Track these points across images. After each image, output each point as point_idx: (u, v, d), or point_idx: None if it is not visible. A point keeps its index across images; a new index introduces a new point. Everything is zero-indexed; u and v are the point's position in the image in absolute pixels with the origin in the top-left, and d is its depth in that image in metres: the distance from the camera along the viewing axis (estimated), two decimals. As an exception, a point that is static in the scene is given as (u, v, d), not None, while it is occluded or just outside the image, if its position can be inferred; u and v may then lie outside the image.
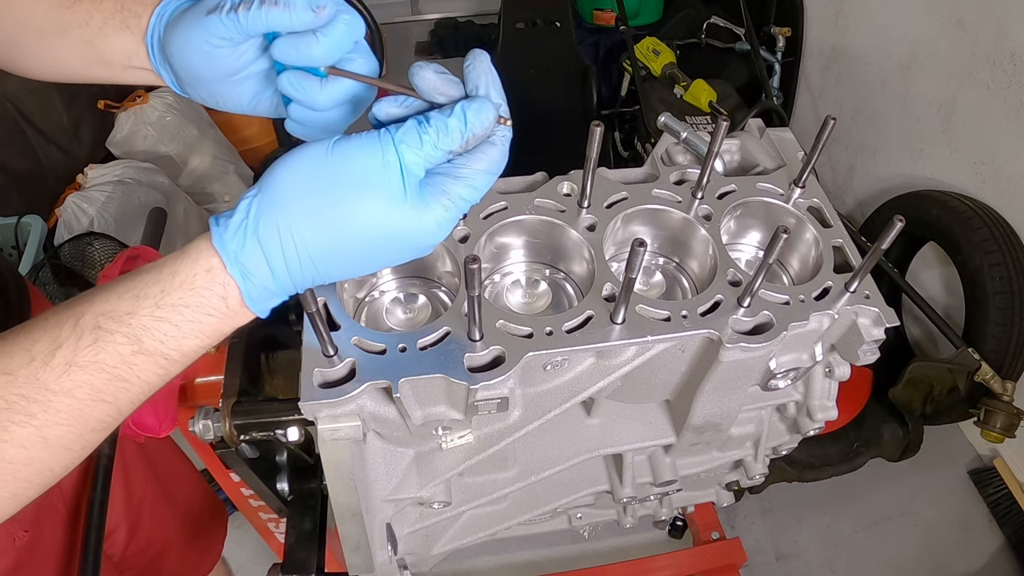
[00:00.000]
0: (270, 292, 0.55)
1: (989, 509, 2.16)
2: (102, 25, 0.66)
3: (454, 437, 0.80)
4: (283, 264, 0.54)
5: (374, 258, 0.57)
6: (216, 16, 0.57)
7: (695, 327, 0.73)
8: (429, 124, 0.54)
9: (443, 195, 0.56)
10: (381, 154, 0.53)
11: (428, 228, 0.56)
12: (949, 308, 2.26)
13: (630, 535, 2.04)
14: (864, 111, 2.49)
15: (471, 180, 0.56)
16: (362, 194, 0.53)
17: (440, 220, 0.56)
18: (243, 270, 0.53)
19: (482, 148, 0.57)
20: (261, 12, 0.55)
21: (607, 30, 3.07)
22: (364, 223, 0.53)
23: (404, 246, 0.57)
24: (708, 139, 0.86)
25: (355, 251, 0.55)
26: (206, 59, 0.60)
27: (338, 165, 0.53)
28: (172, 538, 1.38)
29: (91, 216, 2.37)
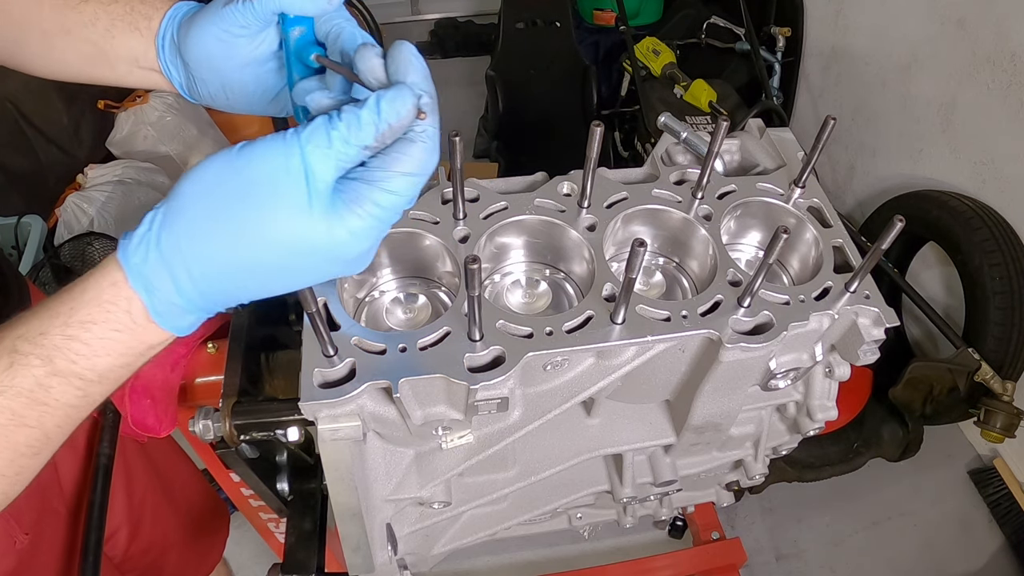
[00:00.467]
0: (179, 308, 0.52)
1: (989, 509, 2.16)
2: (109, 27, 0.67)
3: (454, 437, 0.80)
4: (188, 279, 0.51)
5: (290, 274, 0.53)
6: (233, 6, 0.59)
7: (695, 327, 0.73)
8: (340, 119, 0.49)
9: (356, 202, 0.50)
10: (284, 158, 0.49)
11: (342, 240, 0.50)
12: (949, 308, 2.26)
13: (630, 535, 2.04)
14: (864, 111, 2.49)
15: (388, 184, 0.50)
16: (264, 204, 0.49)
17: (355, 231, 0.50)
18: (146, 284, 0.51)
19: (399, 147, 0.51)
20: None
21: (607, 30, 3.07)
22: (269, 236, 0.49)
23: (320, 261, 0.52)
24: (708, 139, 0.86)
25: (264, 266, 0.51)
26: (223, 48, 0.61)
27: (241, 173, 0.49)
28: (173, 539, 1.38)
29: (91, 216, 2.37)
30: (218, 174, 0.50)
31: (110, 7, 0.67)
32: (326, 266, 0.53)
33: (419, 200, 0.83)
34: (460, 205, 0.80)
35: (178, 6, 0.67)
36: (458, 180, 0.77)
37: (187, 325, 0.54)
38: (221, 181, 0.50)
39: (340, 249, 0.51)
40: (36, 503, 0.99)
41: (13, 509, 0.92)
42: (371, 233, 0.51)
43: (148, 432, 0.98)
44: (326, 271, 0.53)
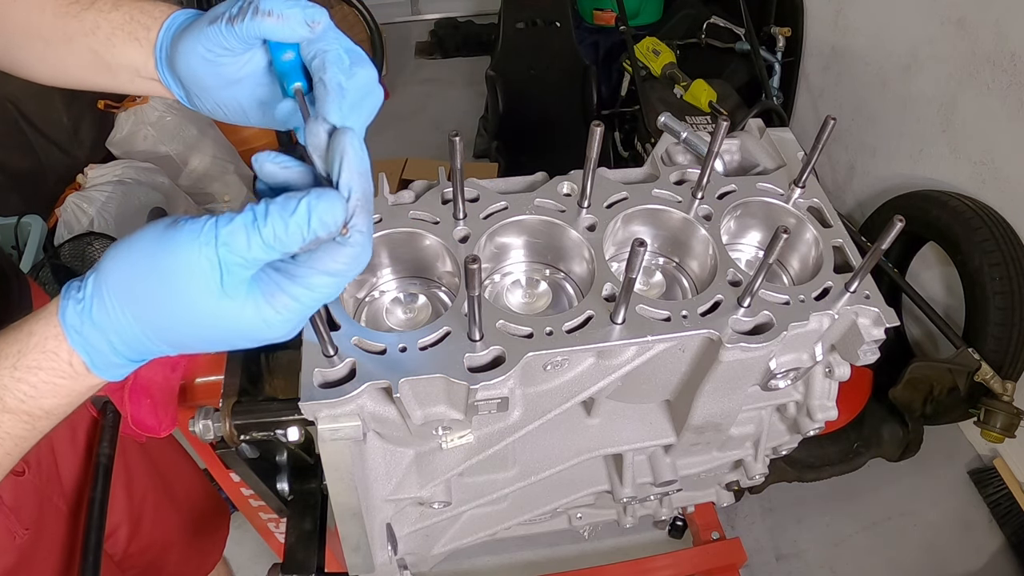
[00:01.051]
0: (115, 363, 0.54)
1: (989, 509, 2.16)
2: (110, 35, 0.66)
3: (454, 437, 0.80)
4: (120, 342, 0.53)
5: (213, 345, 0.54)
6: (215, 27, 0.58)
7: (695, 327, 0.73)
8: (265, 223, 0.48)
9: (273, 295, 0.51)
10: (199, 253, 0.49)
11: (257, 327, 0.51)
12: (949, 308, 2.26)
13: (630, 535, 2.04)
14: (864, 111, 2.49)
15: (309, 280, 0.50)
16: (179, 291, 0.50)
17: (270, 321, 0.51)
18: (84, 344, 0.53)
19: (326, 247, 0.50)
20: (255, 22, 0.55)
21: (607, 30, 3.07)
22: (185, 317, 0.51)
23: (240, 339, 0.53)
24: (708, 139, 0.86)
25: (187, 338, 0.53)
26: (209, 68, 0.61)
27: (158, 258, 0.50)
28: (174, 537, 1.38)
29: (91, 216, 2.37)
30: (143, 250, 0.51)
31: (110, 15, 0.66)
32: (247, 342, 0.54)
33: (419, 200, 0.83)
34: (460, 205, 0.80)
35: (175, 16, 0.65)
36: (458, 180, 0.77)
37: (125, 373, 0.56)
38: (144, 257, 0.51)
39: (256, 332, 0.52)
40: (36, 499, 0.99)
41: (14, 505, 0.92)
42: (287, 323, 0.52)
43: (148, 432, 0.98)
44: (248, 344, 0.54)
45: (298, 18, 0.55)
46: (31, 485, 0.97)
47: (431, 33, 4.03)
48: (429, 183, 0.86)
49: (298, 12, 0.56)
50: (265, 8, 0.55)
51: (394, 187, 0.85)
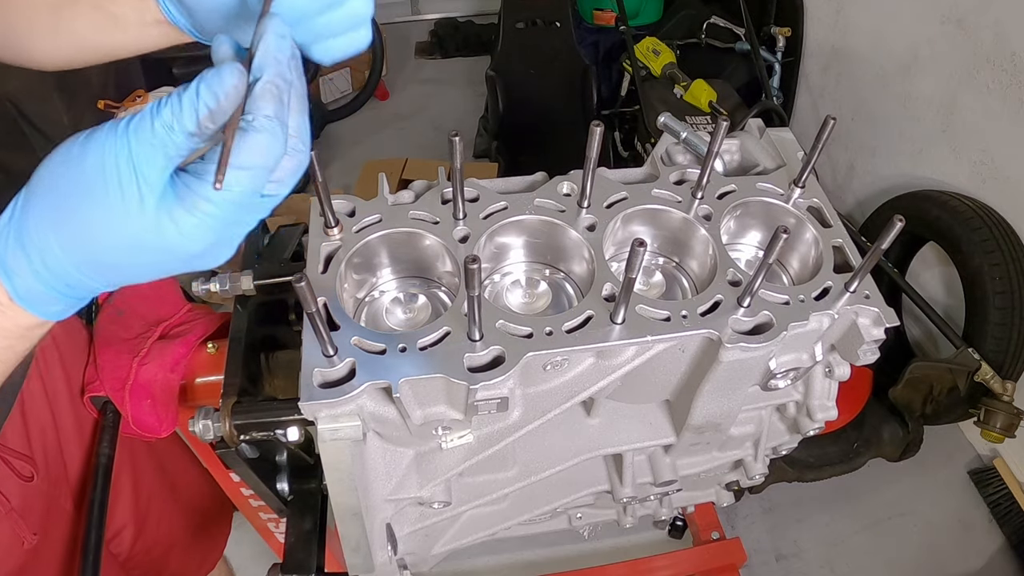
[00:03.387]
0: (41, 293, 0.51)
1: (989, 509, 2.16)
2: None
3: (454, 437, 0.80)
4: (43, 266, 0.49)
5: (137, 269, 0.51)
6: None
7: (695, 327, 0.73)
8: (164, 103, 0.46)
9: (185, 198, 0.47)
10: (114, 150, 0.46)
11: (173, 239, 0.48)
12: (949, 308, 2.26)
13: (630, 535, 2.04)
14: (864, 111, 2.49)
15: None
16: (97, 199, 0.47)
17: (186, 229, 0.47)
18: (5, 268, 0.50)
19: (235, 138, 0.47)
20: None
21: (607, 30, 3.07)
22: (104, 233, 0.48)
23: (160, 258, 0.49)
24: (708, 139, 0.86)
25: (109, 262, 0.49)
26: None
27: (79, 165, 0.47)
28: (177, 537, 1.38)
29: (91, 216, 2.37)
30: (62, 162, 0.49)
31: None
32: (170, 263, 0.50)
33: (419, 200, 0.83)
34: (460, 205, 0.80)
35: None
36: (458, 180, 0.77)
37: (57, 311, 0.53)
38: (64, 169, 0.48)
39: (176, 248, 0.48)
40: (44, 503, 0.99)
41: (22, 509, 0.92)
42: (205, 232, 0.48)
43: (148, 432, 0.98)
44: (171, 267, 0.51)
45: None
46: (39, 490, 0.97)
47: (431, 33, 4.03)
48: (429, 183, 0.86)
49: None
50: None
51: (394, 187, 0.85)
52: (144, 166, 0.46)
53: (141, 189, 0.46)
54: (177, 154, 0.47)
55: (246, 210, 0.49)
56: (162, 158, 0.47)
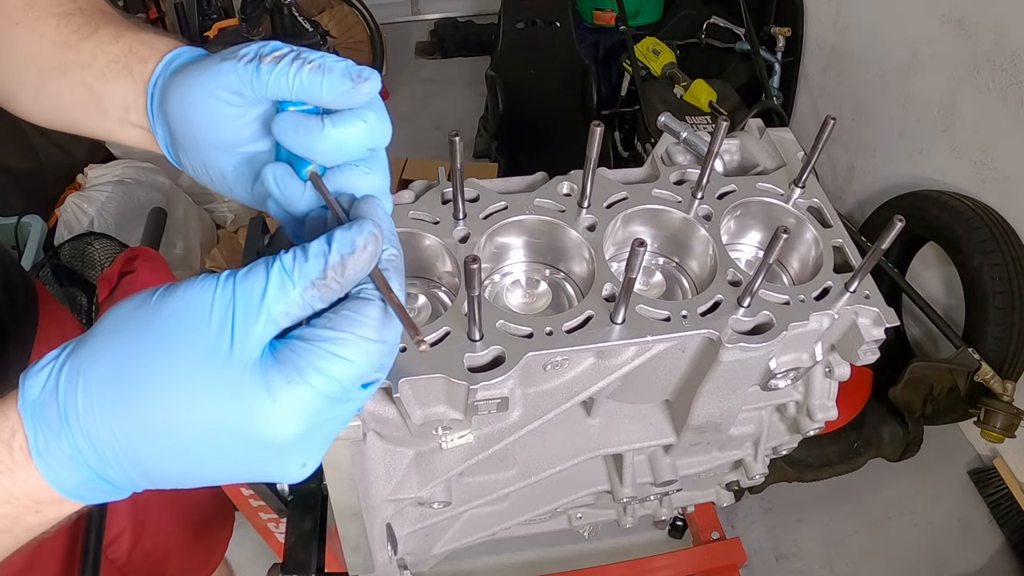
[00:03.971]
0: (65, 455, 0.41)
1: (989, 509, 2.16)
2: (105, 69, 0.59)
3: (454, 437, 0.80)
4: (77, 420, 0.40)
5: (194, 453, 0.41)
6: (231, 63, 0.48)
7: (695, 327, 0.73)
8: (284, 253, 0.41)
9: (291, 365, 0.40)
10: (209, 296, 0.40)
11: (263, 416, 0.39)
12: (949, 308, 2.26)
13: (630, 535, 2.04)
14: (864, 111, 2.49)
15: (338, 347, 0.40)
16: (171, 351, 0.39)
17: (285, 405, 0.39)
18: (34, 412, 0.41)
19: (352, 305, 0.42)
20: (290, 69, 0.46)
21: (607, 30, 3.07)
22: (170, 392, 0.39)
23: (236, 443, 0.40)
24: (708, 139, 0.86)
25: (159, 431, 0.40)
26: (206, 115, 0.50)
27: (158, 313, 0.40)
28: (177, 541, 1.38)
29: (91, 216, 2.37)
30: (138, 307, 0.42)
31: (110, 47, 0.59)
32: (245, 451, 0.40)
33: (419, 200, 0.83)
34: (460, 205, 0.80)
35: (179, 51, 0.57)
36: (458, 180, 0.77)
37: (75, 485, 0.42)
38: (132, 317, 0.41)
39: (262, 430, 0.39)
40: None
41: None
42: (307, 409, 0.40)
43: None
44: (245, 458, 0.41)
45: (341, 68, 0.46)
46: None
47: (431, 33, 4.03)
48: (429, 183, 0.86)
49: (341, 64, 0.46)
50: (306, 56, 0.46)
51: (394, 187, 0.85)
52: (245, 317, 0.39)
53: (236, 345, 0.39)
54: (287, 312, 0.41)
55: (346, 398, 0.41)
56: (268, 316, 0.40)
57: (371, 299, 0.43)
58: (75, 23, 0.61)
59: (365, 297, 0.43)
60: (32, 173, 2.48)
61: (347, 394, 0.41)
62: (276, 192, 0.50)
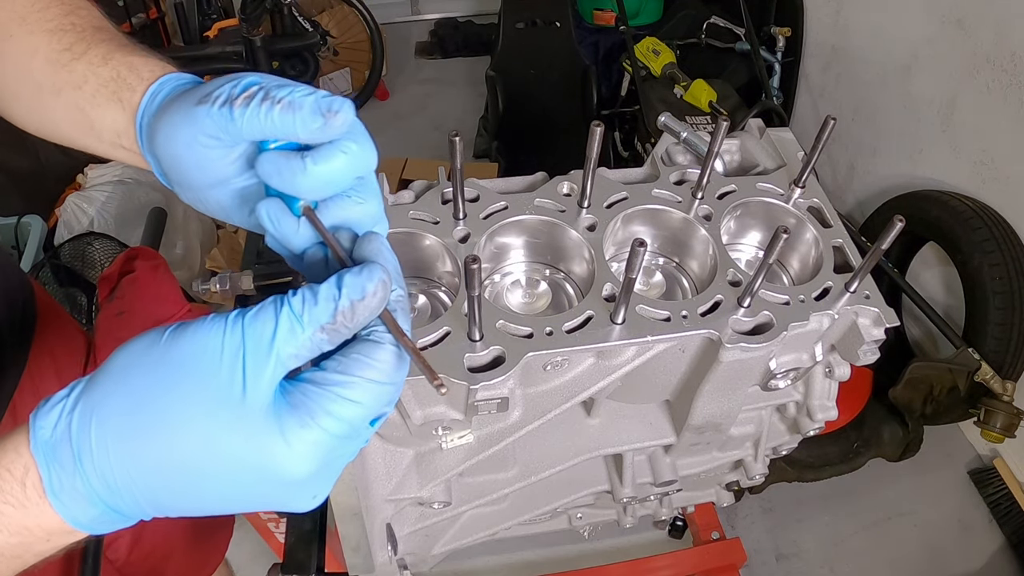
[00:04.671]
0: (79, 493, 0.42)
1: (989, 509, 2.16)
2: (95, 93, 0.57)
3: (454, 437, 0.80)
4: (91, 459, 0.41)
5: (208, 489, 0.42)
6: (205, 108, 0.47)
7: (695, 327, 0.73)
8: (292, 294, 0.42)
9: (304, 409, 0.41)
10: (219, 339, 0.40)
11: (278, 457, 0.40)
12: (949, 308, 2.26)
13: (630, 535, 2.04)
14: (864, 111, 2.49)
15: (348, 390, 0.41)
16: (184, 394, 0.40)
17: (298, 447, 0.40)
18: (47, 452, 0.42)
19: (361, 347, 0.43)
20: (260, 111, 0.45)
21: (607, 30, 3.07)
22: (182, 433, 0.40)
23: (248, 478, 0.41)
24: (708, 139, 0.86)
25: (174, 472, 0.41)
26: (192, 155, 0.50)
27: (168, 354, 0.41)
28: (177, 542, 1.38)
29: (91, 216, 2.37)
30: (148, 348, 0.42)
31: (99, 69, 0.58)
32: (256, 487, 0.42)
33: (419, 200, 0.83)
34: (460, 205, 0.80)
35: (163, 81, 0.55)
36: (458, 180, 0.77)
37: (89, 519, 0.43)
38: (144, 357, 0.42)
39: (277, 469, 0.41)
40: None
41: None
42: (320, 451, 0.41)
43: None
44: (257, 494, 0.42)
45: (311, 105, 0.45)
46: None
47: (431, 33, 4.03)
48: (429, 183, 0.86)
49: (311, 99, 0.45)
50: (275, 96, 0.45)
51: (394, 187, 0.85)
52: (256, 360, 0.40)
53: (248, 388, 0.40)
54: (296, 354, 0.41)
55: (356, 435, 0.43)
56: (277, 359, 0.41)
57: (381, 342, 0.43)
58: (67, 40, 0.60)
59: (375, 340, 0.44)
60: (32, 173, 2.48)
61: (357, 432, 0.43)
62: (271, 230, 0.49)
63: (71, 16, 0.62)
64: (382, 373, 0.43)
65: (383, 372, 0.43)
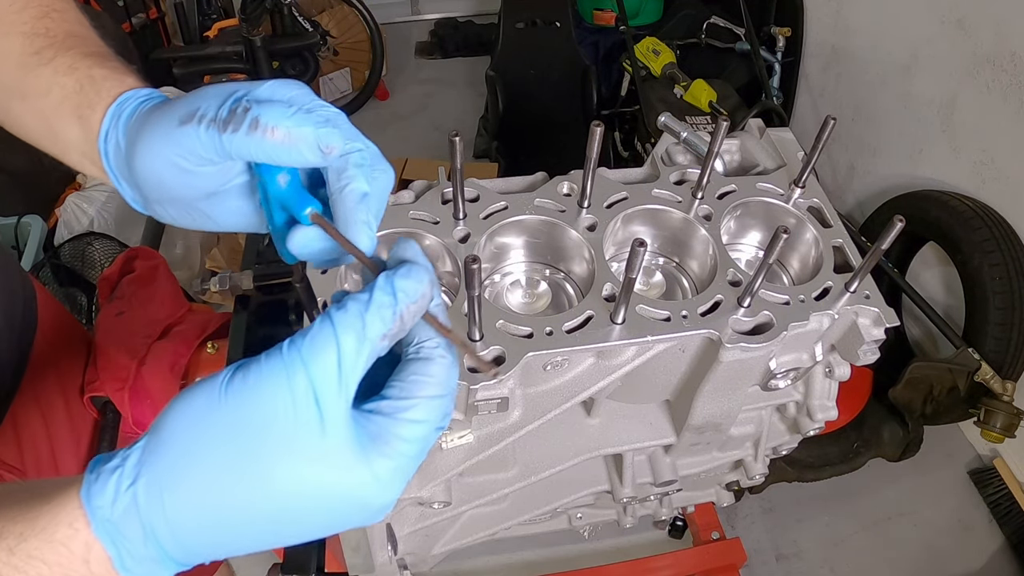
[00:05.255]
0: (151, 559, 0.41)
1: (989, 509, 2.16)
2: (59, 104, 0.55)
3: (454, 437, 0.80)
4: (168, 531, 0.40)
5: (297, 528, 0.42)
6: (192, 128, 0.46)
7: (695, 327, 0.73)
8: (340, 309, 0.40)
9: (381, 439, 0.41)
10: (286, 386, 0.39)
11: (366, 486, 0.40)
12: (949, 308, 2.26)
13: (630, 535, 2.04)
14: (864, 111, 2.49)
15: (412, 413, 0.41)
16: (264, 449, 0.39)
17: (382, 475, 0.40)
18: (113, 533, 0.40)
19: (415, 368, 0.43)
20: (251, 139, 0.44)
21: (607, 30, 3.08)
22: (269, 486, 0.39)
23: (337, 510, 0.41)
24: (708, 139, 0.86)
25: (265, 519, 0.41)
26: (181, 177, 0.49)
27: (235, 410, 0.40)
28: None
29: (91, 216, 2.37)
30: (207, 412, 0.40)
31: (63, 79, 0.55)
32: (343, 517, 0.42)
33: (419, 200, 0.83)
34: (460, 205, 0.80)
35: (124, 99, 0.53)
36: (458, 180, 0.77)
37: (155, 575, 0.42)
38: (212, 420, 0.40)
39: (363, 497, 0.41)
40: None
41: None
42: (401, 475, 0.42)
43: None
44: (342, 522, 0.43)
45: (309, 141, 0.45)
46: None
47: (431, 33, 4.03)
48: (429, 183, 0.86)
49: (310, 132, 0.45)
50: (267, 123, 0.44)
51: (394, 187, 0.85)
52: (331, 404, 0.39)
53: (328, 429, 0.39)
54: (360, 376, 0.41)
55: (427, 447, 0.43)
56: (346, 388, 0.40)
57: (431, 358, 0.44)
58: (38, 44, 0.58)
59: (425, 357, 0.44)
60: (32, 173, 2.48)
61: (428, 445, 0.43)
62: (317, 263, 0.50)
63: (45, 19, 0.60)
64: (439, 386, 0.43)
65: (440, 385, 0.43)
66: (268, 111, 0.45)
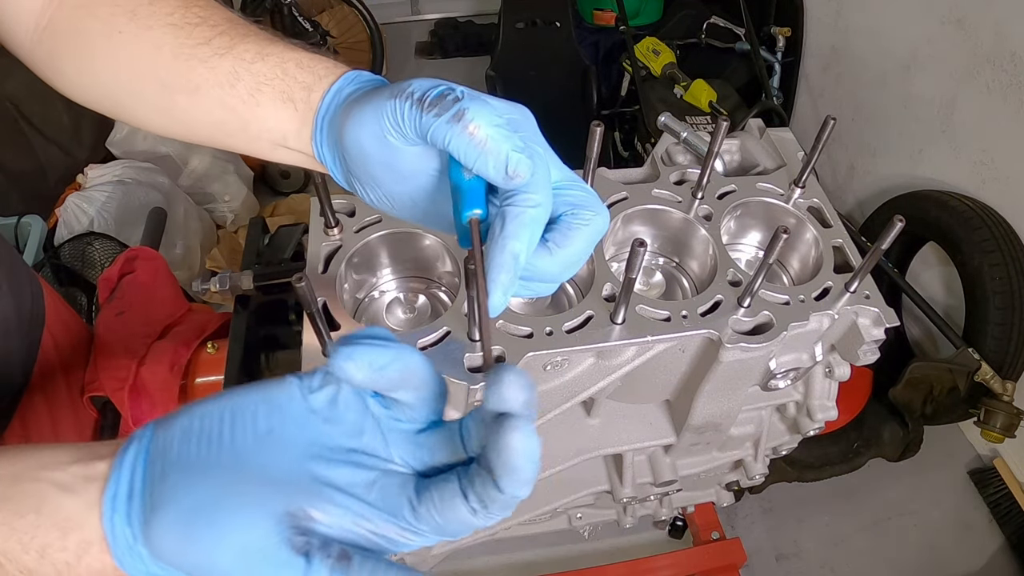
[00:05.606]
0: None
1: (989, 509, 2.16)
2: (253, 91, 0.54)
3: (454, 437, 0.80)
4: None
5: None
6: (399, 101, 0.45)
7: (695, 327, 0.73)
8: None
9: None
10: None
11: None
12: (949, 308, 2.26)
13: (630, 535, 2.03)
14: (864, 111, 2.49)
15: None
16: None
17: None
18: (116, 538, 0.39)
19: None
20: (450, 128, 0.44)
21: (607, 30, 3.07)
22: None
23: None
24: (708, 139, 0.86)
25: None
26: (381, 151, 0.48)
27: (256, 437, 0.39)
28: None
29: (91, 216, 2.37)
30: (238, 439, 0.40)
31: (254, 66, 0.54)
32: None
33: (419, 200, 0.83)
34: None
35: (347, 78, 0.53)
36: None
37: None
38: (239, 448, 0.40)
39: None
40: None
41: None
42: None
43: (148, 433, 0.98)
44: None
45: (500, 155, 0.44)
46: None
47: (431, 33, 4.03)
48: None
49: (505, 148, 0.44)
50: (471, 119, 0.44)
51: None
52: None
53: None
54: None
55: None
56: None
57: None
58: (200, 35, 0.56)
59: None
60: (32, 173, 2.48)
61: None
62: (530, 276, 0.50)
63: (193, 8, 0.57)
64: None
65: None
66: (477, 109, 0.44)
